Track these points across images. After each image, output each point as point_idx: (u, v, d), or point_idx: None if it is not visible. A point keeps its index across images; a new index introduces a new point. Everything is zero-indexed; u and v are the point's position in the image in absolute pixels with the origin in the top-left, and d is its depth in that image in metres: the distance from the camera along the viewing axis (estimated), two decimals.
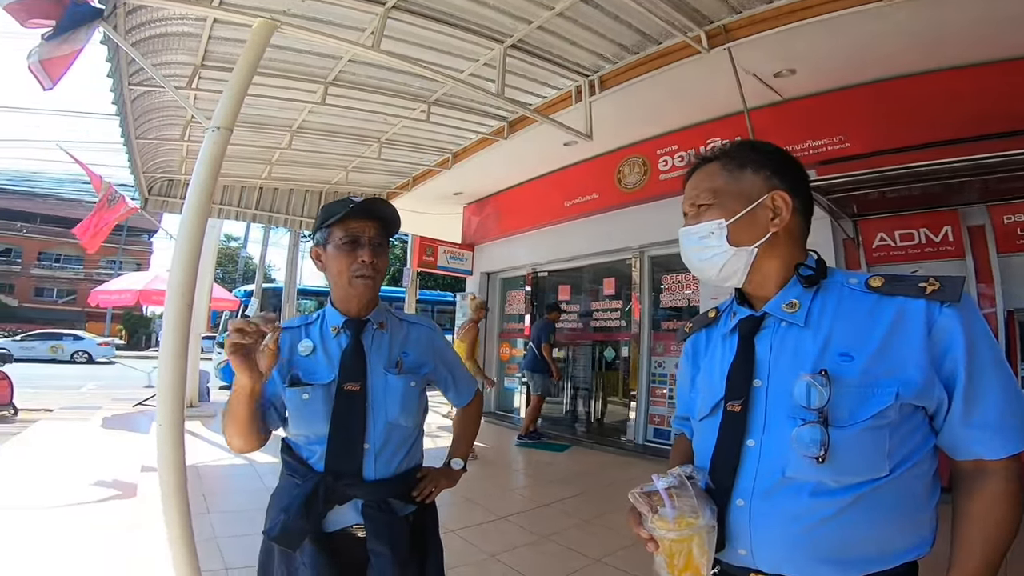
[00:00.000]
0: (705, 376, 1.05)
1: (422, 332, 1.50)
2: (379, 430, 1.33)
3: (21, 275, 33.17)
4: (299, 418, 1.32)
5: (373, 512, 1.30)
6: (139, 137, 5.54)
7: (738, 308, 1.02)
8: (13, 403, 7.57)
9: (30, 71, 2.80)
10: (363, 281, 1.33)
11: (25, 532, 3.28)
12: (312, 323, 1.43)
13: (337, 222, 1.33)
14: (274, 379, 1.32)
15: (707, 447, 0.96)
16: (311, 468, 1.31)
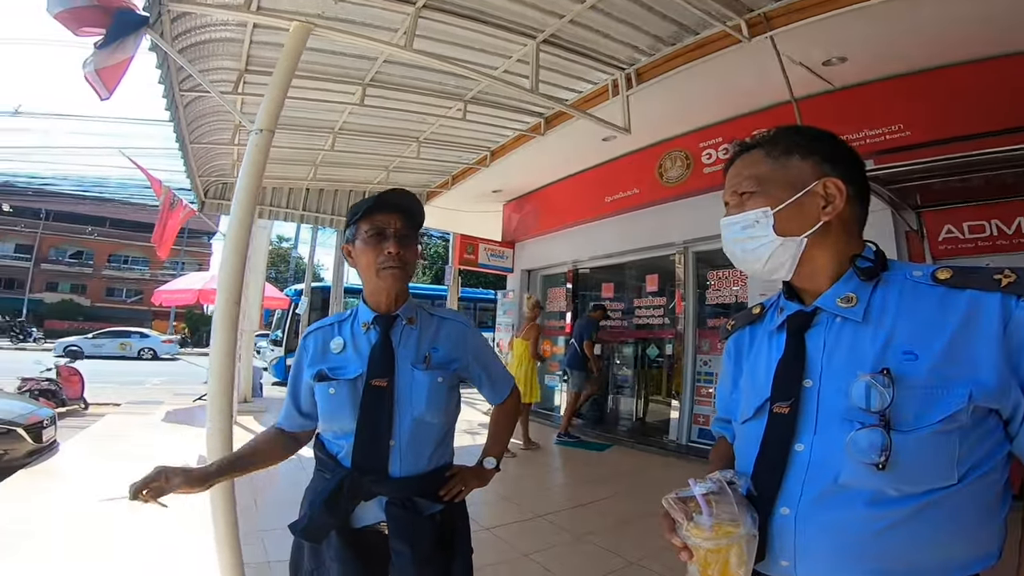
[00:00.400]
0: (749, 376, 0.99)
1: (453, 327, 1.47)
2: (405, 426, 1.32)
3: (93, 276, 35.56)
4: (327, 413, 1.34)
5: (396, 510, 1.30)
6: (193, 142, 5.80)
7: (786, 303, 0.96)
8: (84, 397, 8.11)
9: (87, 80, 2.95)
10: (390, 272, 1.33)
11: (84, 523, 3.48)
12: (344, 320, 1.44)
13: (363, 216, 1.34)
14: (305, 376, 1.39)
15: (750, 451, 0.90)
16: (339, 463, 1.33)
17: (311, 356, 1.40)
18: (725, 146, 5.64)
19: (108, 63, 2.89)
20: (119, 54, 2.90)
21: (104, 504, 3.80)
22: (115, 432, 6.30)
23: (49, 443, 5.18)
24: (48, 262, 34.54)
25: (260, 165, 2.65)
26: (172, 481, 1.19)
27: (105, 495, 3.96)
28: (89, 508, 3.72)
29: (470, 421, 7.89)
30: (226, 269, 2.54)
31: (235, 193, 2.61)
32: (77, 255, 35.63)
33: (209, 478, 1.26)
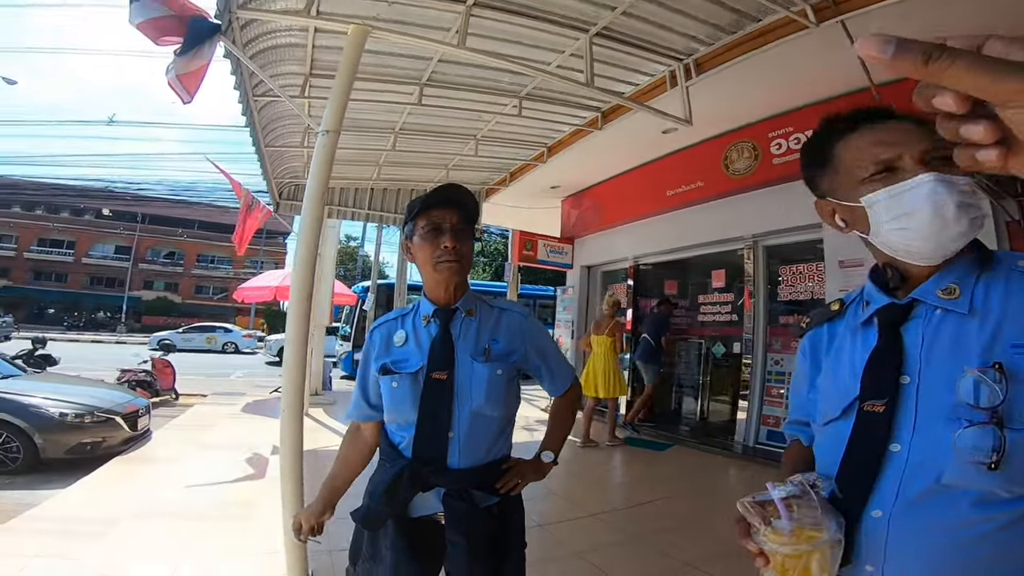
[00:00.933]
0: (830, 375, 0.94)
1: (513, 319, 1.49)
2: (464, 419, 1.35)
3: (184, 275, 38.50)
4: (390, 405, 1.39)
5: (453, 501, 1.33)
6: (267, 145, 6.13)
7: (873, 295, 0.90)
8: (175, 388, 8.78)
9: (170, 86, 3.18)
10: (447, 265, 1.37)
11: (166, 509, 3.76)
12: (407, 314, 1.48)
13: (419, 213, 1.39)
14: (372, 370, 1.44)
15: (835, 453, 0.86)
16: (400, 454, 1.38)
17: (377, 350, 1.45)
18: (797, 135, 5.33)
19: (188, 69, 3.10)
20: (197, 60, 3.11)
21: (190, 490, 4.12)
22: (202, 422, 6.78)
23: (143, 431, 5.66)
24: (145, 262, 37.71)
25: (327, 165, 2.77)
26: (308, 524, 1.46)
27: (192, 482, 4.29)
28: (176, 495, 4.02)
29: (527, 417, 7.92)
30: (299, 266, 2.68)
31: (305, 192, 2.74)
32: (170, 255, 38.70)
33: (326, 509, 1.47)
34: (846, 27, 3.53)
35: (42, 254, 35.55)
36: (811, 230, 5.45)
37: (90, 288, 36.03)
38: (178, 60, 3.07)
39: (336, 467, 1.52)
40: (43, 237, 35.66)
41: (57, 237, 35.85)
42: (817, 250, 5.55)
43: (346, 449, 1.54)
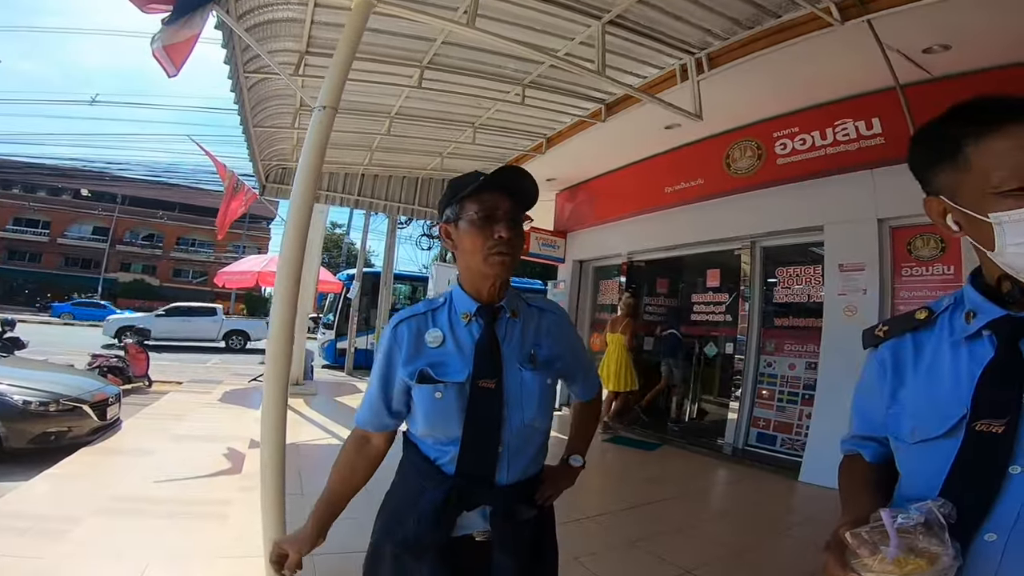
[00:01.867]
0: (924, 390, 0.85)
1: (553, 320, 1.36)
2: (515, 432, 1.22)
3: (162, 258, 37.73)
4: (431, 418, 1.20)
5: (500, 521, 1.20)
6: (256, 125, 5.88)
7: (983, 307, 0.81)
8: (148, 375, 8.48)
9: (154, 57, 2.97)
10: (500, 258, 1.20)
11: (134, 505, 3.53)
12: (439, 308, 1.29)
13: (471, 195, 1.21)
14: (400, 374, 1.23)
15: (935, 472, 0.78)
16: (440, 470, 1.21)
17: (406, 350, 1.23)
18: (803, 136, 5.24)
19: (175, 39, 2.89)
20: (186, 30, 2.90)
21: (160, 485, 3.90)
22: (175, 411, 6.51)
23: (112, 421, 5.38)
24: (123, 244, 36.86)
25: (323, 142, 2.59)
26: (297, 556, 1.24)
27: (162, 476, 4.06)
28: (146, 490, 3.80)
29: None
30: (287, 249, 2.48)
31: (297, 171, 2.55)
32: (148, 237, 37.90)
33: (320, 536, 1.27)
34: (872, 27, 3.42)
35: (17, 233, 34.54)
36: (811, 232, 5.39)
37: (65, 269, 35.14)
38: (166, 29, 2.87)
39: (335, 484, 1.30)
40: (18, 216, 34.65)
41: (32, 216, 34.86)
42: (814, 253, 5.49)
43: (352, 461, 1.31)
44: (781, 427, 5.56)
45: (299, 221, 2.45)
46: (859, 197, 4.84)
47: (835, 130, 4.95)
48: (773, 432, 5.62)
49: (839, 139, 4.92)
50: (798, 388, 5.48)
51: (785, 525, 3.86)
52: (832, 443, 4.23)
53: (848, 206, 4.94)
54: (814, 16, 3.51)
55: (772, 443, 5.60)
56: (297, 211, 2.45)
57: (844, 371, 4.75)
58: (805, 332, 5.48)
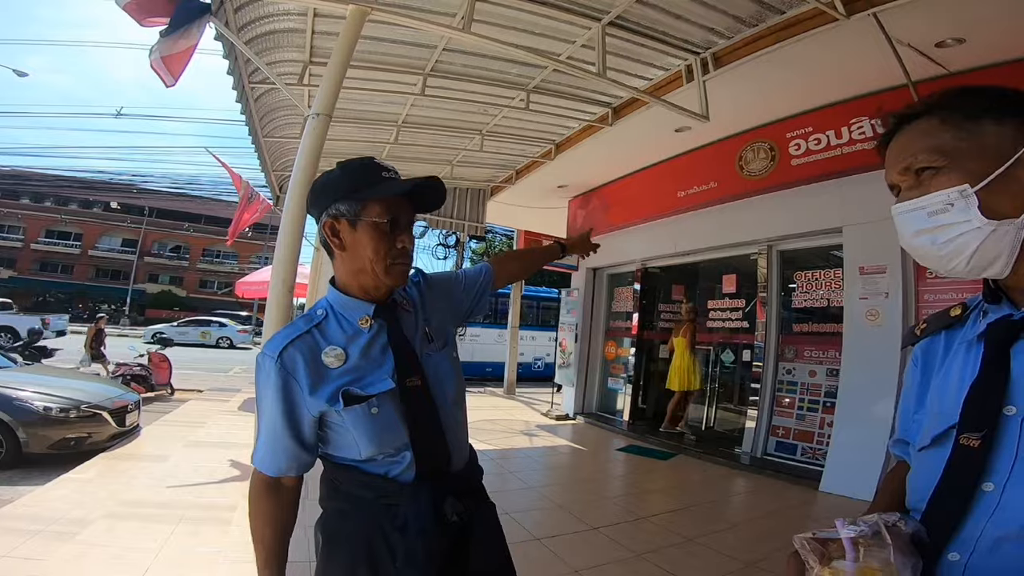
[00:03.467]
0: (936, 395, 0.81)
1: (420, 287, 1.31)
2: (448, 416, 1.20)
3: (189, 269, 38.61)
4: (377, 436, 1.09)
5: (469, 500, 1.18)
6: (266, 136, 5.98)
7: (991, 306, 0.77)
8: (171, 383, 8.64)
9: (152, 68, 3.03)
10: (402, 268, 1.15)
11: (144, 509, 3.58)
12: (322, 323, 1.15)
13: (377, 197, 1.11)
14: (306, 406, 1.08)
15: (925, 485, 0.75)
16: (393, 481, 1.12)
17: (304, 379, 1.08)
18: (817, 136, 5.12)
19: (173, 51, 2.95)
20: (183, 41, 2.96)
21: (172, 490, 3.94)
22: (194, 419, 6.61)
23: (132, 427, 5.49)
24: (150, 255, 37.82)
25: (317, 149, 2.62)
26: None
27: (175, 482, 4.11)
28: (157, 495, 3.85)
29: (527, 422, 7.74)
30: (281, 253, 2.51)
31: (291, 177, 2.58)
32: (176, 249, 38.83)
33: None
34: (879, 19, 3.32)
35: (49, 245, 35.71)
36: (829, 235, 5.25)
37: (95, 280, 36.16)
38: (163, 41, 2.94)
39: (267, 539, 1.13)
40: (51, 229, 35.82)
41: (64, 229, 36.01)
42: (834, 256, 5.34)
43: (272, 510, 1.14)
44: (801, 436, 5.39)
45: (292, 229, 2.47)
46: (878, 197, 4.63)
47: (851, 129, 4.82)
48: (793, 441, 5.46)
49: (855, 138, 4.79)
50: (819, 396, 5.31)
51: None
52: (855, 452, 4.11)
53: (867, 206, 4.78)
54: (819, 11, 3.44)
55: (792, 452, 5.44)
56: (291, 220, 2.47)
57: (867, 378, 4.60)
58: (826, 338, 5.33)
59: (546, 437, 6.86)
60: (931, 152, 0.73)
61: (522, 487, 4.45)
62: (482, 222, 8.75)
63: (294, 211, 2.51)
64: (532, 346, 14.60)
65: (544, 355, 14.70)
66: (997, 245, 0.70)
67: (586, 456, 6.02)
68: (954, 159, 0.72)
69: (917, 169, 0.75)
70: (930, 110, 0.76)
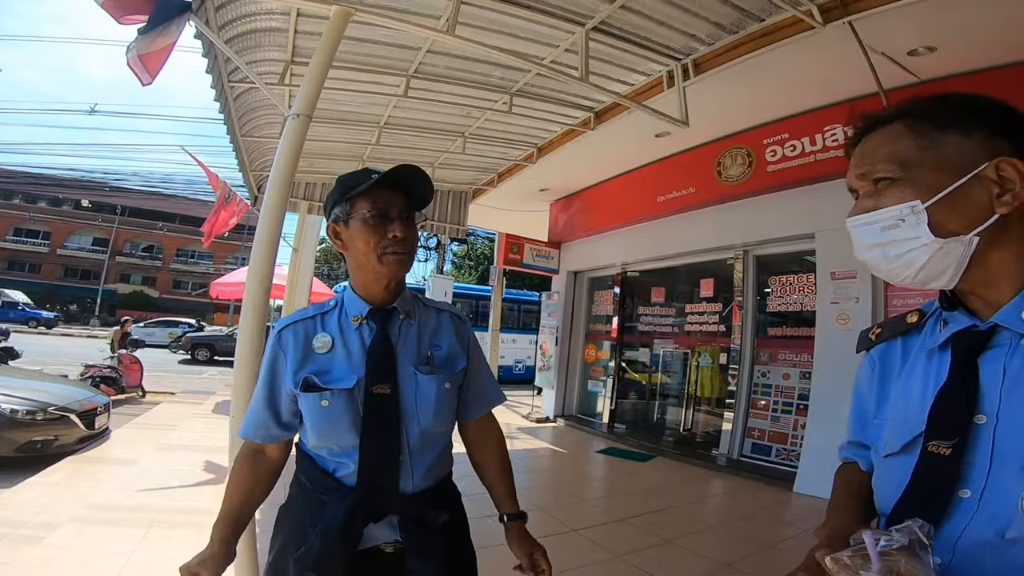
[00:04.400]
0: (899, 402, 0.82)
1: (452, 320, 1.31)
2: (414, 439, 1.17)
3: (162, 269, 37.74)
4: (319, 428, 1.14)
5: (414, 528, 1.15)
6: (244, 135, 5.89)
7: (951, 314, 0.78)
8: (142, 385, 8.43)
9: (129, 67, 2.97)
10: (396, 257, 1.16)
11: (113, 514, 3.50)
12: (329, 312, 1.23)
13: (363, 194, 1.16)
14: (286, 383, 1.16)
15: (893, 490, 0.76)
16: (340, 483, 1.15)
17: (291, 357, 1.17)
18: (793, 143, 5.23)
19: (151, 49, 2.89)
20: (162, 39, 2.91)
21: (142, 494, 3.85)
22: (166, 422, 6.47)
23: (101, 430, 5.34)
24: (122, 255, 36.90)
25: (296, 150, 2.59)
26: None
27: (145, 485, 4.02)
28: (126, 499, 3.77)
29: (509, 425, 7.74)
30: (258, 254, 2.47)
31: (269, 178, 2.55)
32: (148, 249, 37.92)
33: (229, 554, 1.14)
34: (854, 28, 3.42)
35: (17, 244, 34.63)
36: (803, 240, 5.36)
37: (64, 280, 35.14)
38: (141, 39, 2.88)
39: (233, 499, 1.18)
40: (19, 227, 34.75)
41: (33, 227, 34.96)
42: (808, 261, 5.46)
43: (246, 477, 1.21)
44: (776, 437, 5.50)
45: (270, 229, 2.44)
46: (850, 203, 4.75)
47: (825, 136, 4.94)
48: (768, 443, 5.56)
49: (829, 145, 4.91)
50: (792, 398, 5.42)
51: (777, 537, 3.78)
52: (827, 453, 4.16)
53: (840, 212, 4.64)
54: (796, 19, 3.51)
55: (767, 454, 5.54)
56: (268, 220, 2.44)
57: (838, 381, 4.70)
58: (799, 342, 5.44)
59: (527, 440, 6.87)
60: (889, 162, 0.74)
61: None
62: (463, 224, 8.73)
63: (271, 211, 2.47)
64: (513, 349, 14.61)
65: (525, 358, 14.72)
66: (944, 261, 0.71)
67: (566, 458, 6.05)
68: (910, 171, 0.72)
69: (875, 178, 0.76)
70: (900, 115, 0.76)
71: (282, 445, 1.24)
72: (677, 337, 7.28)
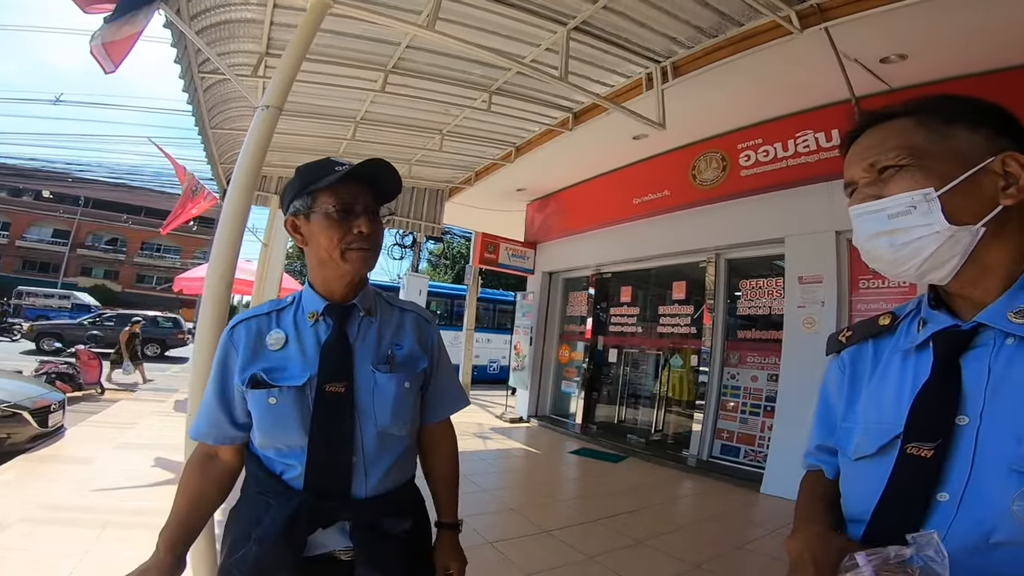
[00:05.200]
0: (871, 403, 0.81)
1: (416, 319, 1.27)
2: (370, 440, 1.11)
3: (126, 263, 36.52)
4: (264, 426, 1.09)
5: (365, 536, 1.08)
6: (214, 128, 5.73)
7: (931, 314, 0.78)
8: (101, 382, 8.13)
9: (92, 55, 2.86)
10: (360, 253, 1.12)
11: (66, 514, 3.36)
12: (285, 308, 1.19)
13: (326, 188, 1.11)
14: (236, 380, 1.11)
15: (866, 494, 0.74)
16: (287, 486, 1.09)
17: (242, 354, 1.12)
18: (766, 148, 5.32)
19: (116, 37, 2.79)
20: (128, 28, 2.80)
21: (96, 494, 3.70)
22: (124, 419, 6.25)
23: (55, 428, 5.11)
24: (84, 247, 35.58)
25: (264, 143, 2.51)
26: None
27: (100, 485, 3.87)
28: (80, 499, 3.62)
29: (481, 424, 7.71)
30: (220, 247, 2.37)
31: (235, 170, 2.46)
32: (112, 242, 36.64)
33: (175, 563, 1.08)
34: (830, 34, 3.48)
35: None
36: (772, 245, 5.46)
37: (22, 272, 33.71)
38: (107, 27, 2.77)
39: (181, 505, 1.12)
40: None
41: None
42: (777, 265, 5.56)
43: (196, 481, 1.14)
44: (744, 439, 5.58)
45: (233, 222, 2.36)
46: (818, 209, 4.92)
47: (797, 142, 5.03)
48: (736, 444, 5.64)
49: (800, 151, 5.01)
50: (760, 400, 5.51)
51: (745, 539, 3.83)
52: (792, 455, 4.21)
53: (808, 218, 5.02)
54: (775, 24, 3.57)
55: (736, 455, 5.61)
56: (232, 212, 2.35)
57: (804, 383, 4.79)
58: (767, 344, 5.53)
59: (500, 440, 6.84)
60: (900, 149, 0.74)
61: (476, 490, 4.41)
62: (439, 223, 8.66)
63: (236, 204, 2.38)
64: (487, 348, 14.56)
65: (499, 358, 14.68)
66: (951, 250, 0.71)
67: (539, 459, 6.04)
68: (921, 159, 0.72)
69: (881, 167, 0.75)
70: (907, 111, 0.77)
71: (238, 448, 1.17)
72: (649, 339, 7.34)
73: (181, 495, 1.13)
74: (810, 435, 0.96)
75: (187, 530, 1.11)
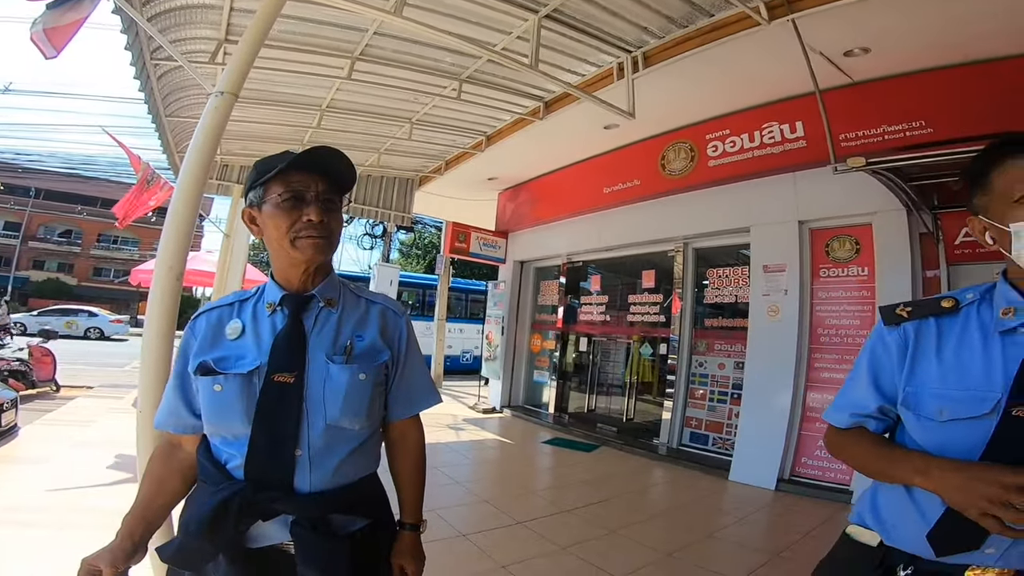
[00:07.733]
0: (952, 373, 0.94)
1: (381, 311, 1.23)
2: (317, 433, 1.08)
3: (81, 256, 35.04)
4: (209, 413, 1.08)
5: (304, 532, 1.05)
6: (170, 116, 5.50)
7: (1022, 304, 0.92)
8: (56, 379, 7.80)
9: (32, 41, 2.73)
10: (311, 241, 1.09)
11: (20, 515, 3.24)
12: (248, 299, 1.18)
13: (276, 177, 1.10)
14: (191, 368, 1.10)
15: (969, 449, 0.88)
16: (228, 475, 1.07)
17: (200, 342, 1.13)
18: (733, 139, 5.39)
19: (60, 23, 2.68)
20: (72, 14, 2.69)
21: (51, 494, 3.56)
22: (82, 417, 6.02)
23: (8, 427, 4.88)
24: (36, 239, 34.02)
25: (217, 130, 2.38)
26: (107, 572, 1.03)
27: (55, 485, 3.72)
28: (35, 499, 3.47)
29: (455, 416, 7.68)
30: (169, 238, 2.25)
31: (186, 157, 2.34)
32: (66, 234, 35.10)
33: (132, 549, 1.06)
34: (796, 26, 3.52)
35: None
36: (738, 234, 5.55)
37: None
38: (49, 13, 2.64)
39: (146, 492, 1.13)
40: None
41: None
42: (743, 255, 5.66)
43: (159, 469, 1.16)
44: (712, 426, 5.69)
45: (184, 211, 2.24)
46: (782, 199, 5.02)
47: (762, 133, 5.11)
48: (705, 432, 5.75)
49: (766, 142, 5.09)
50: (727, 387, 5.62)
51: (715, 526, 3.91)
52: (759, 442, 4.34)
53: (772, 208, 5.12)
54: (744, 15, 3.59)
55: (704, 443, 5.73)
56: (182, 201, 2.24)
57: (769, 370, 4.91)
58: (734, 332, 5.63)
59: (473, 431, 6.83)
60: None
61: (449, 482, 4.39)
62: (409, 212, 8.55)
63: (186, 192, 2.26)
64: (460, 339, 14.52)
65: (472, 348, 14.65)
66: None
67: (513, 449, 6.05)
68: None
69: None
70: None
71: (200, 437, 1.15)
72: (620, 327, 7.41)
73: (144, 483, 1.15)
74: (849, 397, 1.08)
75: (148, 518, 1.11)
